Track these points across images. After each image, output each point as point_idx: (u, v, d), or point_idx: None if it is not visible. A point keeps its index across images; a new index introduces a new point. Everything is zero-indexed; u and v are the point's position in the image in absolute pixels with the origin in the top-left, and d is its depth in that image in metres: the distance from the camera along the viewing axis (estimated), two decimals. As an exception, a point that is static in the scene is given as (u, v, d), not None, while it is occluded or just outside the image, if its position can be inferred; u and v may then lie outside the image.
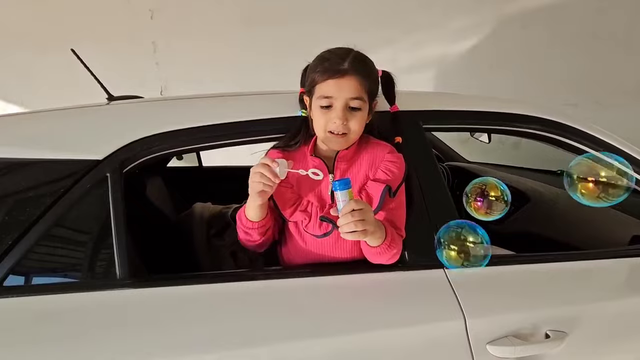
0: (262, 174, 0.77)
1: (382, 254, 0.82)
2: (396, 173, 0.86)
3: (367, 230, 0.75)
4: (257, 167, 0.78)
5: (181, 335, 0.74)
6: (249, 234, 0.87)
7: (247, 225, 0.86)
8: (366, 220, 0.74)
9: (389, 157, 0.87)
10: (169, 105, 1.01)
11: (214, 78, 2.75)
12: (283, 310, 0.80)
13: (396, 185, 0.85)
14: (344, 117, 0.81)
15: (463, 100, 1.07)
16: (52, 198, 0.77)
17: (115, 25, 2.80)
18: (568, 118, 1.06)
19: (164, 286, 0.80)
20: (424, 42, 2.76)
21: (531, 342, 0.84)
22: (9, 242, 0.74)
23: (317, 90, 0.83)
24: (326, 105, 0.82)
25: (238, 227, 0.90)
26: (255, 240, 0.88)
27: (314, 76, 0.83)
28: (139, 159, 0.84)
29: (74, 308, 0.75)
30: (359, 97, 0.81)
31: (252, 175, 0.79)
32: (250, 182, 0.80)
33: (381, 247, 0.81)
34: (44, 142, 0.82)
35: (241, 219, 0.87)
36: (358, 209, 0.74)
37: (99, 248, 0.79)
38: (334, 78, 0.80)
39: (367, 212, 0.75)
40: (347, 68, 0.80)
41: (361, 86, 0.81)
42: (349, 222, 0.73)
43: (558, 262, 0.97)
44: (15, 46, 2.77)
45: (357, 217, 0.73)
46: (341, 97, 0.80)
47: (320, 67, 0.82)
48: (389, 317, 0.82)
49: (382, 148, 0.89)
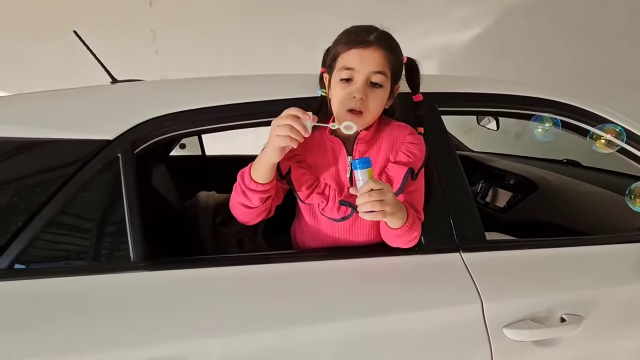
0: (292, 127, 0.70)
1: (402, 236, 0.80)
2: (418, 155, 0.84)
3: (385, 211, 0.72)
4: (285, 119, 0.70)
5: (194, 317, 0.72)
6: (249, 197, 0.79)
7: (250, 186, 0.78)
8: (385, 201, 0.72)
9: (410, 139, 0.85)
10: (180, 85, 0.98)
11: (214, 66, 2.72)
12: (299, 293, 0.79)
13: (418, 167, 0.84)
14: (364, 91, 0.78)
15: (478, 82, 1.06)
16: (63, 179, 0.75)
17: (114, 13, 2.76)
18: (586, 103, 1.05)
19: (178, 269, 0.78)
20: (427, 32, 2.74)
21: (547, 325, 0.84)
22: (20, 224, 0.72)
23: (338, 62, 0.80)
24: (347, 78, 0.78)
25: (237, 187, 0.81)
26: (253, 205, 0.80)
27: (337, 48, 0.80)
28: (150, 139, 0.81)
29: (88, 290, 0.73)
30: (382, 72, 0.78)
31: (277, 128, 0.71)
32: (273, 136, 0.72)
33: (402, 229, 0.79)
34: (54, 122, 0.80)
35: (244, 178, 0.79)
36: (377, 188, 0.72)
37: (112, 230, 0.77)
38: (358, 48, 0.77)
39: (386, 192, 0.73)
40: (373, 40, 0.78)
41: (385, 60, 0.79)
42: (367, 202, 0.71)
43: (573, 246, 0.97)
44: (14, 35, 2.72)
45: (375, 197, 0.71)
46: (364, 70, 0.77)
47: (345, 38, 0.80)
48: (405, 301, 0.81)
49: (402, 129, 0.86)
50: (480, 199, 1.79)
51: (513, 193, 1.63)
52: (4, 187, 0.77)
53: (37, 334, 0.67)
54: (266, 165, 0.76)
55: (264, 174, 0.77)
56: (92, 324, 0.69)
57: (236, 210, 0.85)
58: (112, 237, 0.77)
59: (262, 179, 0.78)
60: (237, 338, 0.72)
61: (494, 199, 1.73)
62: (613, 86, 2.69)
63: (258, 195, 0.79)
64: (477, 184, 1.83)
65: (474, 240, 0.89)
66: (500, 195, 1.70)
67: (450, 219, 0.88)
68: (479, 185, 1.81)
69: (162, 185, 1.51)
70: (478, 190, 1.81)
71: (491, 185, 1.76)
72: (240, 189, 0.80)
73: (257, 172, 0.78)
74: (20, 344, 0.67)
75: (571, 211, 1.42)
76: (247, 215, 0.84)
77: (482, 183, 1.81)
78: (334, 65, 0.81)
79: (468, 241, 0.88)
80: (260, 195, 0.79)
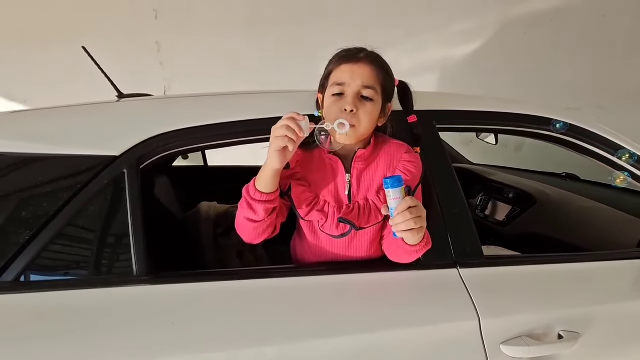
0: (289, 126, 0.73)
1: (418, 252, 0.82)
2: (415, 173, 0.86)
3: (423, 227, 0.75)
4: (282, 121, 0.74)
5: (197, 331, 0.73)
6: (254, 210, 0.80)
7: (255, 196, 0.79)
8: (421, 217, 0.75)
9: (407, 157, 0.87)
10: (185, 102, 1.00)
11: (218, 78, 2.75)
12: (298, 308, 0.80)
13: (415, 184, 0.86)
14: (354, 104, 0.80)
15: (476, 100, 1.08)
16: (70, 194, 0.77)
17: (119, 25, 2.80)
18: (579, 119, 1.07)
19: (181, 283, 0.80)
20: (427, 45, 2.78)
21: (545, 342, 0.85)
22: (27, 237, 0.74)
23: (331, 78, 0.84)
24: (338, 93, 0.82)
25: (242, 202, 0.82)
26: (259, 218, 0.80)
27: (330, 67, 0.84)
28: (155, 155, 0.84)
29: (91, 304, 0.74)
30: (372, 87, 0.81)
31: (275, 130, 0.74)
32: (273, 138, 0.75)
33: (420, 245, 0.80)
34: (62, 138, 0.82)
35: (249, 190, 0.81)
36: (414, 205, 0.74)
37: (116, 244, 0.79)
38: (349, 63, 0.81)
39: (422, 209, 0.75)
40: (363, 57, 0.82)
41: (375, 75, 0.82)
42: (408, 220, 0.73)
43: (571, 263, 0.98)
44: (20, 44, 2.76)
45: (415, 214, 0.73)
46: (354, 84, 0.81)
47: (337, 58, 0.84)
48: (403, 317, 0.82)
49: (399, 148, 0.89)
50: (480, 212, 1.80)
51: (512, 206, 1.64)
52: (13, 200, 0.79)
53: (40, 347, 0.69)
54: (270, 172, 0.77)
55: (268, 182, 0.78)
56: (94, 338, 0.70)
57: (242, 227, 0.85)
58: (116, 251, 0.79)
59: (266, 189, 0.79)
60: (238, 352, 0.73)
61: (493, 212, 1.74)
62: (612, 99, 2.72)
63: (263, 205, 0.79)
64: (477, 197, 1.84)
65: (472, 256, 0.90)
66: (499, 208, 1.71)
67: (447, 235, 0.89)
68: (479, 198, 1.83)
69: (164, 195, 1.53)
70: (477, 203, 1.82)
71: (490, 199, 1.77)
72: (246, 202, 0.81)
73: (261, 182, 0.79)
74: (24, 356, 0.68)
75: (569, 226, 1.43)
76: (253, 231, 0.84)
77: (481, 196, 1.82)
78: (327, 83, 0.85)
79: (465, 257, 0.89)
80: (265, 206, 0.80)
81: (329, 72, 0.84)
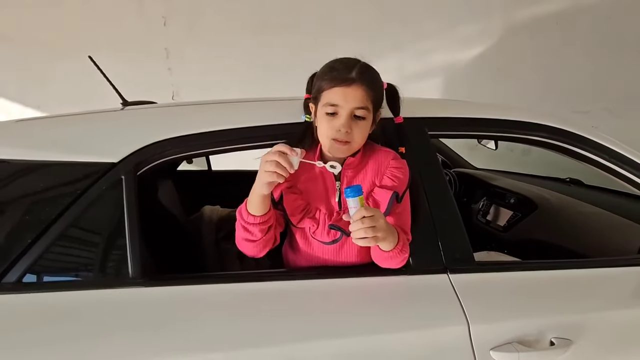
0: (278, 163, 0.74)
1: (394, 258, 0.84)
2: (402, 179, 0.88)
3: (378, 236, 0.76)
4: (272, 155, 0.75)
5: (190, 333, 0.76)
6: (250, 232, 0.83)
7: (249, 220, 0.82)
8: (377, 227, 0.75)
9: (394, 164, 0.89)
10: (181, 110, 1.04)
11: (225, 84, 2.80)
12: (289, 311, 0.82)
13: (402, 190, 0.87)
14: (348, 125, 0.82)
15: (468, 107, 1.09)
16: (70, 199, 0.80)
17: (128, 32, 2.87)
18: (574, 125, 1.07)
19: (175, 285, 0.82)
20: (431, 50, 2.78)
21: (535, 349, 0.84)
22: (28, 241, 0.78)
23: (323, 97, 0.84)
24: (332, 112, 0.83)
25: (238, 224, 0.86)
26: (256, 238, 0.84)
27: (321, 84, 0.85)
28: (152, 162, 0.87)
29: (87, 305, 0.78)
30: (364, 107, 0.83)
31: (265, 164, 0.76)
32: (262, 171, 0.77)
33: (393, 251, 0.82)
34: (63, 145, 0.86)
35: (242, 214, 0.83)
36: (369, 215, 0.75)
37: (113, 248, 0.82)
38: (341, 86, 0.82)
39: (377, 218, 0.76)
40: (355, 78, 0.82)
41: (367, 96, 0.83)
42: (360, 229, 0.75)
43: (564, 269, 0.98)
44: (31, 52, 2.85)
45: (367, 224, 0.75)
46: (347, 106, 0.82)
47: (328, 75, 0.84)
48: (392, 321, 0.83)
49: (386, 155, 0.91)
50: (482, 217, 1.80)
51: (513, 212, 1.63)
52: (15, 205, 0.83)
53: (41, 345, 0.72)
54: (258, 198, 0.80)
55: (258, 206, 0.81)
56: (87, 338, 0.73)
57: (242, 246, 0.89)
58: (113, 254, 0.82)
59: (257, 212, 0.82)
60: (231, 354, 0.75)
61: (495, 217, 1.73)
62: (620, 102, 2.67)
63: (258, 227, 0.83)
64: (479, 202, 1.84)
65: (462, 262, 0.91)
66: (500, 213, 1.71)
67: (438, 241, 0.90)
68: (480, 203, 1.82)
69: (168, 199, 1.57)
70: (479, 208, 1.82)
71: (492, 204, 1.76)
72: (241, 225, 0.84)
73: (252, 206, 0.82)
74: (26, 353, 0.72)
75: (570, 231, 1.42)
76: (253, 249, 0.87)
77: (483, 201, 1.81)
78: (319, 98, 0.86)
79: (456, 262, 0.90)
80: (260, 227, 0.83)
81: (321, 89, 0.85)
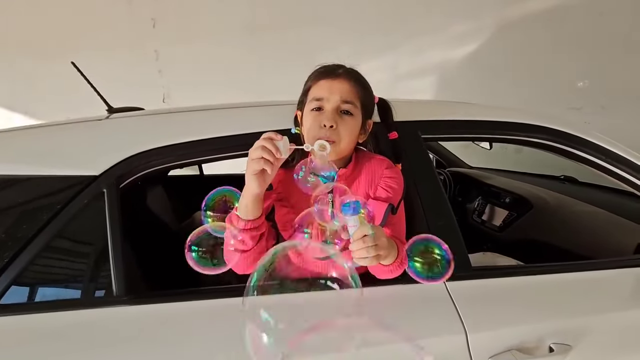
0: (264, 147, 0.69)
1: (393, 272, 0.80)
2: (396, 189, 0.85)
3: (380, 255, 0.71)
4: (258, 142, 0.70)
5: (177, 354, 0.73)
6: (241, 239, 0.75)
7: (239, 225, 0.74)
8: (379, 245, 0.70)
9: (388, 173, 0.86)
10: (166, 119, 1.00)
11: (216, 85, 2.76)
12: (282, 326, 0.79)
13: (397, 201, 0.84)
14: (334, 119, 0.79)
15: (463, 109, 1.07)
16: (49, 214, 0.77)
17: (117, 34, 2.83)
18: (568, 125, 1.05)
19: (161, 302, 0.79)
20: (426, 48, 2.76)
21: (535, 356, 0.83)
22: (6, 259, 0.74)
23: (309, 94, 0.83)
24: (317, 107, 0.80)
25: (227, 235, 0.76)
26: (247, 247, 0.76)
27: (309, 83, 0.83)
28: (135, 173, 0.84)
29: (70, 325, 0.74)
30: (351, 101, 0.80)
31: (252, 152, 0.70)
32: (249, 161, 0.71)
33: (393, 264, 0.78)
34: (42, 159, 0.82)
35: (232, 220, 0.76)
36: (370, 234, 0.69)
37: (96, 264, 0.79)
38: (327, 79, 0.81)
39: (380, 236, 0.71)
40: (341, 72, 0.81)
41: (353, 90, 0.81)
42: (362, 249, 0.69)
43: (562, 272, 0.96)
44: (20, 55, 2.80)
45: (369, 243, 0.69)
46: (333, 98, 0.80)
47: (315, 73, 0.84)
48: (388, 331, 0.80)
49: (379, 163, 0.87)
50: (477, 217, 1.78)
51: (509, 211, 1.62)
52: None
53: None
54: (250, 198, 0.74)
55: (250, 208, 0.74)
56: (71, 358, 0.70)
57: (231, 259, 0.78)
58: (96, 271, 0.79)
59: (249, 215, 0.75)
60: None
61: (490, 217, 1.72)
62: (614, 98, 2.67)
63: (249, 234, 0.75)
64: (474, 201, 1.83)
65: (459, 269, 0.88)
66: (496, 213, 1.69)
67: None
68: (476, 203, 1.81)
69: (159, 206, 1.54)
70: (475, 208, 1.80)
71: (487, 203, 1.75)
72: (231, 234, 0.76)
73: (243, 209, 0.75)
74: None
75: (565, 231, 1.41)
76: (243, 261, 0.79)
77: (478, 200, 1.80)
78: (305, 99, 0.84)
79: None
80: (251, 234, 0.76)
81: (308, 89, 0.83)
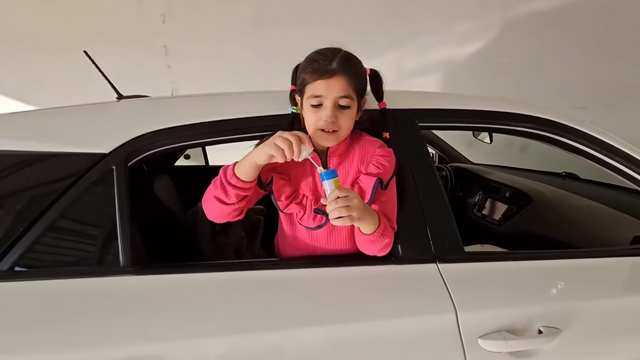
0: (291, 144, 0.76)
1: (375, 242, 0.85)
2: (387, 166, 0.89)
3: (352, 215, 0.78)
4: (290, 135, 0.77)
5: (180, 320, 0.77)
6: (227, 193, 0.82)
7: (231, 180, 0.81)
8: (351, 206, 0.77)
9: (380, 152, 0.90)
10: (173, 102, 1.05)
11: (224, 80, 2.80)
12: (278, 299, 0.83)
13: (387, 178, 0.88)
14: (334, 115, 0.84)
15: (459, 99, 1.09)
16: (61, 189, 0.81)
17: (127, 29, 2.89)
18: (565, 117, 1.07)
19: (165, 274, 0.84)
20: (430, 46, 2.78)
21: (524, 337, 0.85)
22: (20, 230, 0.79)
23: (307, 90, 0.86)
24: (316, 104, 0.85)
25: (216, 181, 0.84)
26: (229, 201, 0.82)
27: (304, 77, 0.86)
28: (143, 152, 0.88)
29: (79, 292, 0.79)
30: (348, 96, 0.84)
31: (278, 138, 0.77)
32: (270, 143, 0.78)
33: (374, 235, 0.84)
34: (55, 137, 0.87)
35: (226, 173, 0.82)
36: (342, 195, 0.77)
37: (104, 237, 0.83)
38: (323, 78, 0.83)
39: (352, 198, 0.78)
40: (336, 68, 0.83)
41: (349, 85, 0.84)
42: (335, 209, 0.77)
43: (553, 259, 0.98)
44: (31, 49, 2.87)
45: (341, 204, 0.77)
46: (330, 96, 0.83)
47: (310, 68, 0.85)
48: (381, 309, 0.84)
49: (372, 143, 0.92)
50: (477, 211, 1.80)
51: (508, 205, 1.64)
52: (8, 196, 0.84)
53: (33, 331, 0.73)
54: (251, 164, 0.80)
55: (248, 172, 0.81)
56: (82, 324, 0.75)
57: (209, 204, 0.86)
58: (104, 243, 0.83)
59: (244, 177, 0.81)
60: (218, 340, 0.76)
61: (490, 211, 1.74)
62: (618, 97, 2.67)
63: (236, 191, 0.82)
64: (475, 196, 1.85)
65: (451, 251, 0.91)
66: (496, 207, 1.71)
67: (427, 230, 0.91)
68: (476, 197, 1.83)
69: (166, 194, 1.58)
70: (475, 202, 1.82)
71: (487, 198, 1.77)
72: (220, 183, 0.83)
73: (241, 170, 0.81)
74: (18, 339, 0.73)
75: (564, 224, 1.43)
76: (218, 211, 0.86)
77: (479, 195, 1.82)
78: (304, 90, 0.87)
79: (445, 252, 0.91)
80: (237, 192, 0.82)
81: (305, 82, 0.86)
